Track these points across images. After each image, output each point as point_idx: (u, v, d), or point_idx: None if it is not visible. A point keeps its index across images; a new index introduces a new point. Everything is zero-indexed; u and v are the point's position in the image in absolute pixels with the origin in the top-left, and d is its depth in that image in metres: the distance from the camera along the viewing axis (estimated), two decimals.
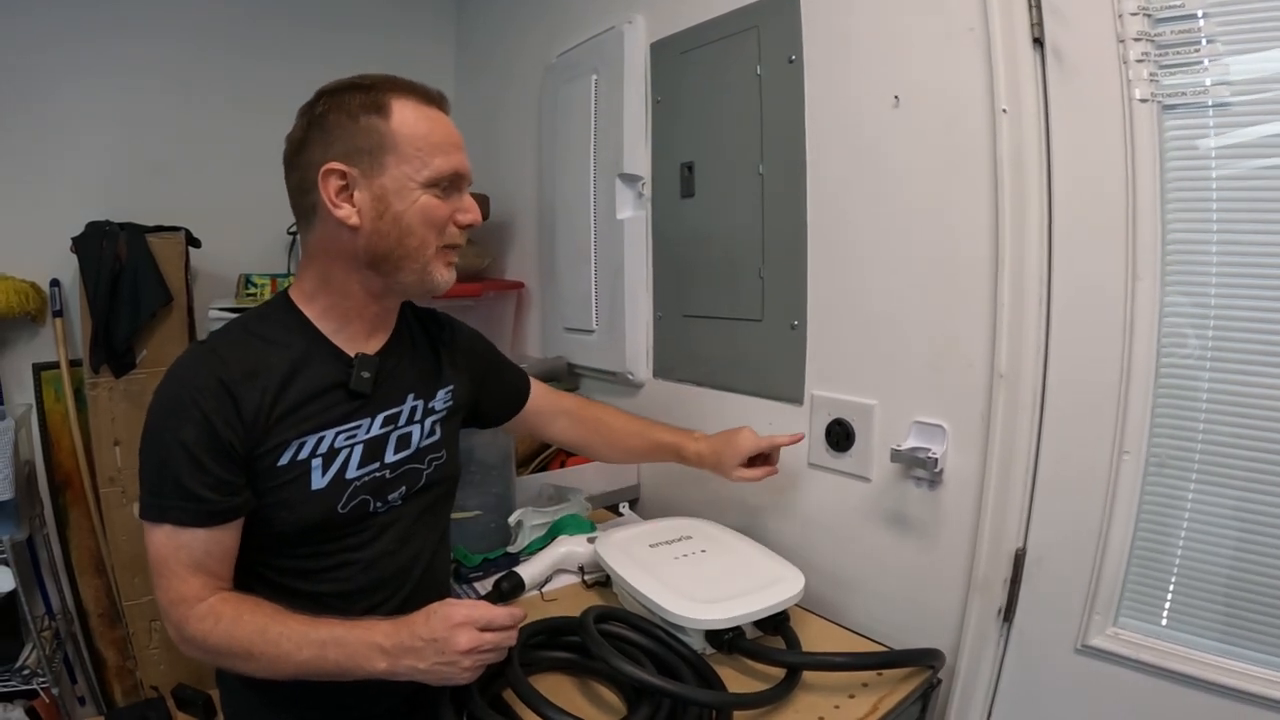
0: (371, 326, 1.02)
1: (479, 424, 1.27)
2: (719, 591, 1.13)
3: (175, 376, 0.90)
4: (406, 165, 0.91)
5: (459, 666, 0.84)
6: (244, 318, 1.00)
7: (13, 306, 1.83)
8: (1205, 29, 0.92)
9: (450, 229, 0.96)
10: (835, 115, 1.27)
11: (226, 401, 0.87)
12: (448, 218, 0.96)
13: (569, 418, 1.36)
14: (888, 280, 1.22)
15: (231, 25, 2.16)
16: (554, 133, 1.95)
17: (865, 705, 1.03)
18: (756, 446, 1.27)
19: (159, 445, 0.87)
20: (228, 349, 0.92)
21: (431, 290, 0.98)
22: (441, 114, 0.96)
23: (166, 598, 0.87)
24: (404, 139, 0.91)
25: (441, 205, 0.94)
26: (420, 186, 0.92)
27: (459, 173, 0.95)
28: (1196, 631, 0.98)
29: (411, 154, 0.91)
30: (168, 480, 0.86)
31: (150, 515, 0.88)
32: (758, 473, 1.28)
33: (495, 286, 2.19)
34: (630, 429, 1.38)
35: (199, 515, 0.86)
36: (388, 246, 0.93)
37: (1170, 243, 0.96)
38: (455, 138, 0.96)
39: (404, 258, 0.94)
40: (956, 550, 1.15)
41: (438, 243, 0.95)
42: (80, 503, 2.02)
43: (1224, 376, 0.94)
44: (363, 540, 0.98)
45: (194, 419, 0.86)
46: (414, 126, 0.91)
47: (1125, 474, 1.00)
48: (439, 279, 0.97)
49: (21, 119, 1.91)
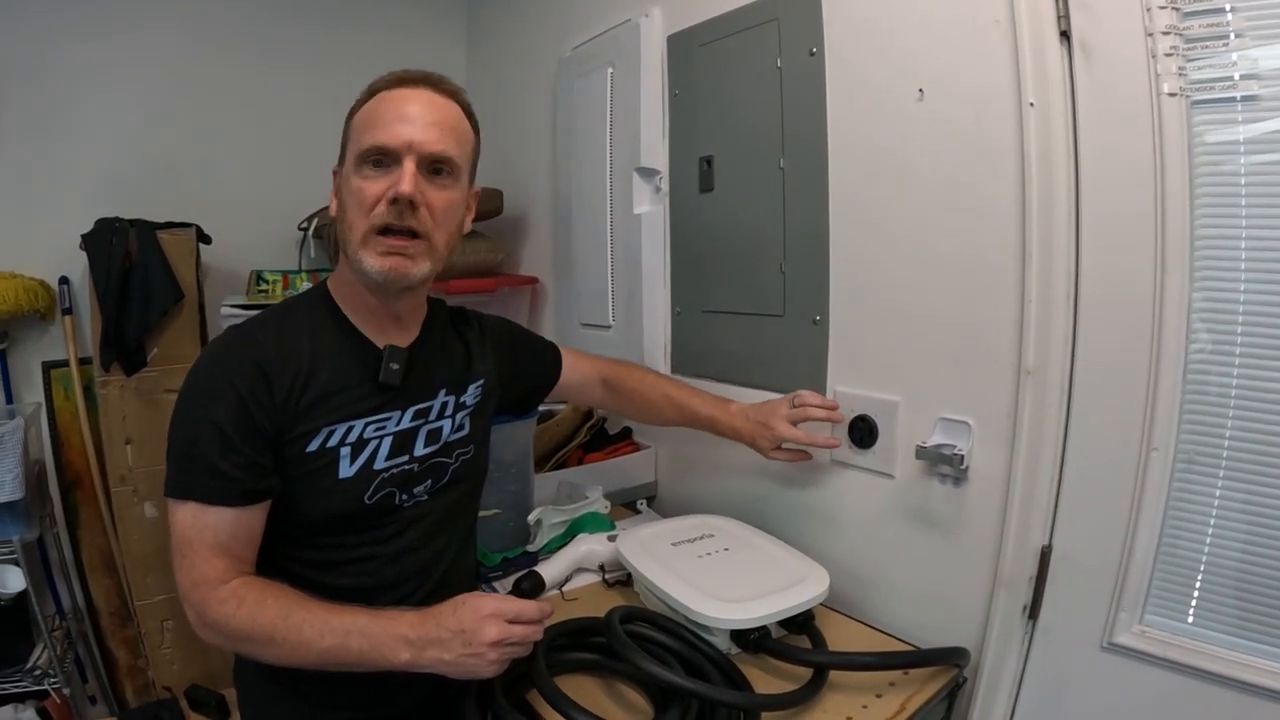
0: (391, 318, 1.01)
1: (518, 407, 1.28)
2: (744, 590, 1.12)
3: (211, 357, 0.92)
4: (349, 150, 0.94)
5: (485, 659, 0.84)
6: (280, 305, 1.02)
7: (21, 305, 1.83)
8: (1233, 23, 0.92)
9: (379, 209, 0.90)
10: (857, 108, 1.26)
11: (261, 384, 0.88)
12: (377, 196, 0.90)
13: (604, 388, 1.39)
14: (912, 275, 1.21)
15: (241, 22, 2.15)
16: (569, 127, 1.94)
17: (893, 705, 1.02)
18: (794, 438, 1.27)
19: (190, 423, 0.88)
20: (263, 333, 0.93)
21: (369, 280, 0.94)
22: (406, 91, 0.93)
23: (189, 579, 0.86)
24: (354, 126, 0.94)
25: (370, 184, 0.91)
26: (354, 167, 0.92)
27: (378, 145, 0.90)
28: (1223, 629, 0.98)
29: (353, 138, 0.94)
30: (197, 458, 0.86)
31: (176, 492, 0.87)
32: (791, 455, 1.29)
33: (509, 282, 2.18)
34: (666, 400, 1.38)
35: (227, 494, 0.86)
36: (340, 233, 0.96)
37: (1199, 237, 0.96)
38: (403, 111, 0.91)
39: (345, 243, 0.95)
40: (981, 547, 1.15)
41: (364, 225, 0.91)
42: (91, 501, 2.02)
43: (1253, 371, 0.93)
44: (387, 535, 0.98)
45: (228, 399, 0.87)
46: (368, 111, 0.93)
47: (1153, 470, 1.00)
48: (367, 265, 0.92)
49: (30, 115, 1.90)
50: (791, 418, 1.26)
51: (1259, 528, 0.94)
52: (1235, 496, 0.96)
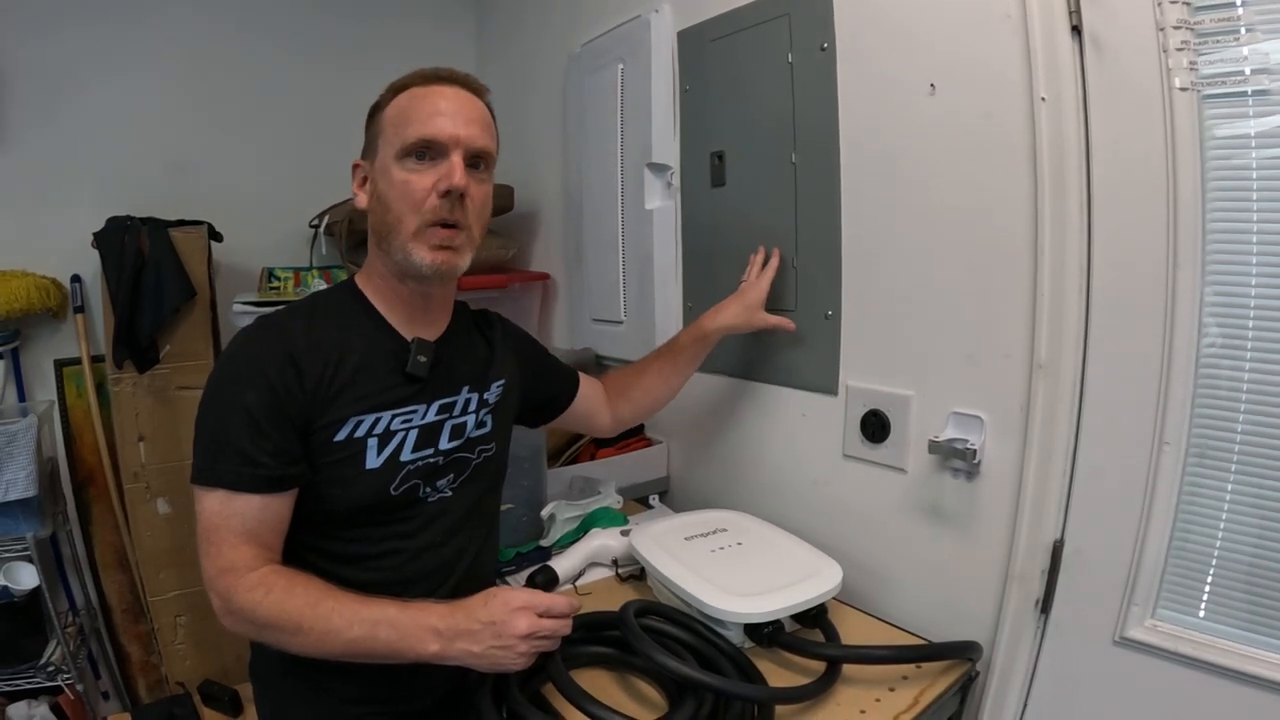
0: (419, 313, 1.02)
1: (532, 418, 1.29)
2: (758, 585, 1.13)
3: (241, 345, 0.92)
4: (386, 143, 0.95)
5: (515, 651, 0.85)
6: (309, 297, 1.04)
7: (34, 303, 1.84)
8: (1244, 16, 0.91)
9: (430, 201, 0.93)
10: (869, 103, 1.26)
11: (291, 372, 0.89)
12: (427, 190, 0.92)
13: (612, 403, 1.38)
14: (924, 270, 1.21)
15: (251, 18, 2.16)
16: (580, 123, 1.94)
17: (907, 698, 1.03)
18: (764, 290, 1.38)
19: (219, 409, 0.89)
20: (293, 322, 0.94)
21: (415, 272, 0.95)
22: (441, 88, 0.95)
23: (215, 566, 0.86)
24: (388, 121, 0.95)
25: (417, 177, 0.93)
26: (395, 160, 0.93)
27: (427, 137, 0.92)
28: (1235, 624, 0.98)
29: (389, 131, 0.94)
30: (226, 444, 0.87)
31: (204, 479, 0.88)
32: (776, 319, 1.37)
33: (520, 278, 2.18)
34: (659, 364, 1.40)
35: (255, 480, 0.87)
36: (379, 225, 0.97)
37: (1210, 231, 0.95)
38: (441, 107, 0.93)
39: (388, 235, 0.96)
40: (994, 542, 1.15)
41: (416, 219, 0.93)
42: (103, 499, 2.03)
43: (1265, 366, 0.93)
44: (411, 529, 0.99)
45: (259, 385, 0.87)
46: (398, 107, 0.95)
47: (1165, 465, 1.00)
48: (418, 260, 0.94)
49: (41, 114, 1.91)
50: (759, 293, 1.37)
51: (1270, 522, 0.94)
52: (1247, 491, 0.96)
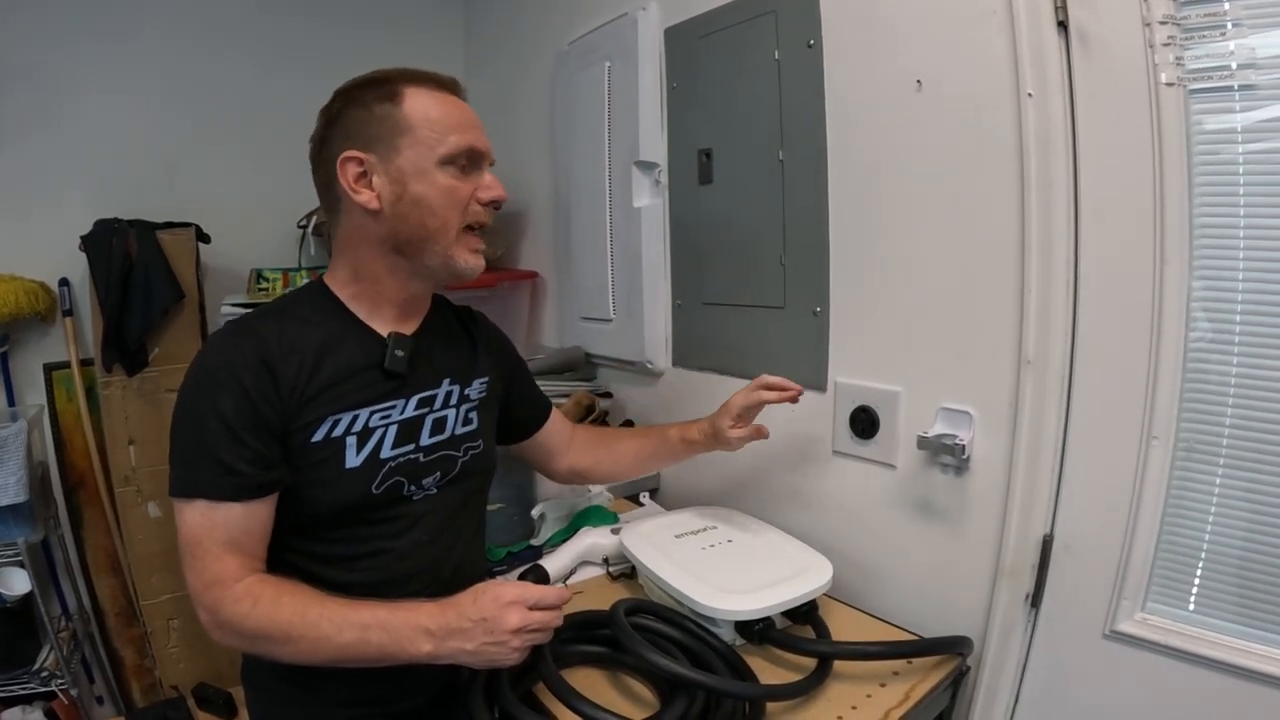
0: (403, 311, 1.02)
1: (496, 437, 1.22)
2: (748, 582, 1.13)
3: (213, 351, 0.91)
4: (421, 146, 0.93)
5: (508, 646, 0.84)
6: (280, 300, 1.02)
7: (22, 307, 1.82)
8: (1230, 12, 0.91)
9: (473, 207, 0.97)
10: (856, 100, 1.26)
11: (265, 377, 0.88)
12: (469, 196, 0.96)
13: (584, 450, 1.33)
14: (912, 266, 1.21)
15: (238, 21, 2.14)
16: (567, 121, 1.94)
17: (897, 694, 1.03)
18: (745, 402, 1.21)
19: (194, 419, 0.87)
20: (265, 326, 0.93)
21: (458, 276, 0.98)
22: (455, 98, 0.98)
23: (201, 580, 0.85)
24: (417, 121, 0.93)
25: (461, 184, 0.95)
26: (437, 165, 0.93)
27: (475, 148, 0.96)
28: (1224, 616, 0.98)
29: (425, 134, 0.93)
30: (204, 454, 0.85)
31: (184, 491, 0.86)
32: (745, 431, 1.23)
33: (510, 276, 2.18)
34: (641, 445, 1.34)
35: (235, 489, 0.86)
36: (410, 229, 0.94)
37: (1198, 225, 0.96)
38: (471, 117, 0.97)
39: (426, 240, 0.95)
40: (983, 537, 1.15)
41: (460, 223, 0.96)
42: (95, 502, 2.02)
43: (1253, 359, 0.94)
44: (397, 529, 0.98)
45: (233, 391, 0.86)
46: (426, 109, 0.94)
47: (1154, 459, 1.00)
48: (462, 264, 0.97)
49: (27, 117, 1.89)
50: (748, 405, 1.21)
51: (1259, 516, 0.94)
52: (1235, 485, 0.96)
